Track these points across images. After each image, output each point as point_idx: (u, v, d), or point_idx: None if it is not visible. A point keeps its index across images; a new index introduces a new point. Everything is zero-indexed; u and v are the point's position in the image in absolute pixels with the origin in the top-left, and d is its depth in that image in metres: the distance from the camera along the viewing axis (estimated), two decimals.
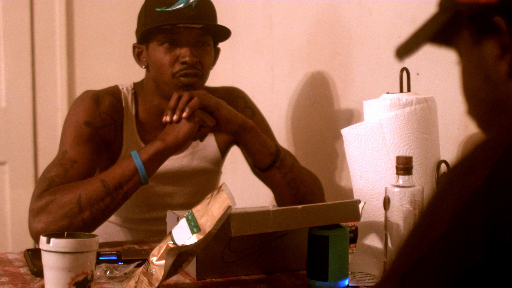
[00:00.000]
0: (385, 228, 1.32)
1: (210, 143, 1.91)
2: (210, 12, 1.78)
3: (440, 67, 1.66)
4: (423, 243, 0.69)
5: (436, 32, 0.85)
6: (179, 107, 1.64)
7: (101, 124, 1.77)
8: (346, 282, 1.34)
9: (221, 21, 1.83)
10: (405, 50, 0.87)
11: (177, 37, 1.73)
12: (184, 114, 1.62)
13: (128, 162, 1.62)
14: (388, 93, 1.44)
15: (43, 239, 1.17)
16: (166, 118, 1.65)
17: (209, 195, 1.27)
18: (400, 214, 1.29)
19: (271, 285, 1.36)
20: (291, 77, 2.32)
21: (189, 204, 1.83)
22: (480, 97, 0.82)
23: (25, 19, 2.86)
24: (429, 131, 1.40)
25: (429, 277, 0.67)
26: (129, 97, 1.84)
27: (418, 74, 1.69)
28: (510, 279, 0.64)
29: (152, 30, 1.74)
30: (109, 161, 1.79)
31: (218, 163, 1.94)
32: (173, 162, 1.84)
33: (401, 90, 1.44)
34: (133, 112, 1.84)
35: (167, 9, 1.72)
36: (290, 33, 2.32)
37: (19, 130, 2.88)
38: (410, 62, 1.65)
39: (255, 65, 2.53)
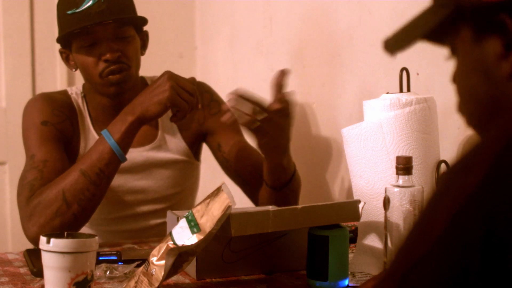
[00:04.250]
0: (385, 228, 1.32)
1: (174, 136, 1.89)
2: (122, 1, 1.75)
3: (440, 67, 1.65)
4: (421, 243, 0.69)
5: (431, 27, 0.83)
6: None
7: (57, 121, 1.78)
8: (346, 282, 1.34)
9: (219, 20, 1.82)
10: (395, 44, 0.86)
11: (94, 36, 1.71)
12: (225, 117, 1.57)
13: (102, 146, 1.61)
14: (388, 93, 1.44)
15: (43, 239, 1.17)
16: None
17: (209, 195, 1.27)
18: (400, 214, 1.29)
19: (271, 285, 1.36)
20: (291, 77, 2.32)
21: (165, 197, 1.85)
22: (477, 94, 0.81)
23: (25, 19, 2.85)
24: (429, 131, 1.40)
25: (428, 277, 0.67)
26: (79, 100, 1.85)
27: (418, 74, 1.69)
28: (508, 278, 0.64)
29: (68, 35, 1.73)
30: (70, 159, 1.78)
31: (187, 154, 1.90)
32: (137, 155, 1.83)
33: (401, 90, 1.44)
34: (86, 112, 1.83)
35: (77, 10, 1.69)
36: (290, 33, 2.32)
37: (19, 130, 2.86)
38: (410, 62, 1.65)
39: (255, 65, 2.53)
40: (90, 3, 1.69)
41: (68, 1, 1.72)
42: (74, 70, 1.81)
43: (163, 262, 1.24)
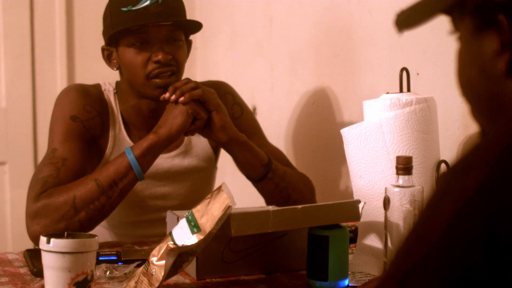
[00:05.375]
0: (385, 228, 1.32)
1: (201, 140, 1.87)
2: (178, 5, 1.73)
3: (440, 67, 1.66)
4: (422, 244, 0.69)
5: (443, 5, 0.83)
6: (181, 89, 1.62)
7: (87, 117, 1.75)
8: (346, 282, 1.34)
9: (219, 20, 1.82)
10: (406, 21, 0.86)
11: (147, 36, 1.68)
12: (182, 99, 1.61)
13: (121, 159, 1.60)
14: (388, 93, 1.44)
15: (43, 239, 1.17)
16: (165, 95, 1.64)
17: (209, 195, 1.27)
18: (400, 214, 1.29)
19: (271, 285, 1.36)
20: (291, 77, 2.32)
21: (184, 205, 1.81)
22: (475, 86, 0.82)
23: (25, 19, 2.85)
24: (429, 131, 1.40)
25: (428, 278, 0.67)
26: (111, 96, 1.82)
27: (418, 74, 1.69)
28: (510, 279, 0.64)
29: (120, 31, 1.69)
30: (96, 158, 1.77)
31: (211, 160, 1.90)
32: (163, 161, 1.81)
33: (401, 90, 1.45)
34: (118, 111, 1.81)
35: (134, 8, 1.66)
36: (290, 33, 2.32)
37: (19, 130, 2.87)
38: (410, 62, 1.66)
39: (255, 65, 2.53)
40: (147, 2, 1.66)
41: None
42: (115, 69, 1.77)
43: (163, 262, 1.24)
